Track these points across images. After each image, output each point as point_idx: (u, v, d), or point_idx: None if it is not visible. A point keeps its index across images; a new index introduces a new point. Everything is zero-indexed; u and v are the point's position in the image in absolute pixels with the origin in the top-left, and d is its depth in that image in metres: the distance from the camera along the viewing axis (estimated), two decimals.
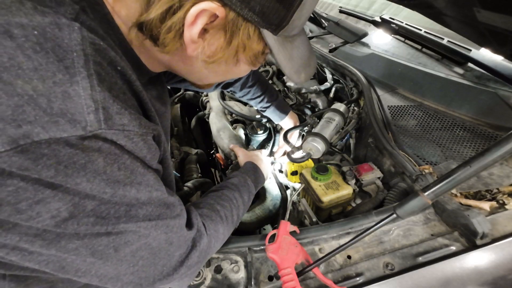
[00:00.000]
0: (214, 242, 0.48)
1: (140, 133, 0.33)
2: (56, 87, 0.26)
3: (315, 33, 1.34)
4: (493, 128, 0.73)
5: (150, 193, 0.35)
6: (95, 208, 0.30)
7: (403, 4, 0.78)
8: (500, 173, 0.62)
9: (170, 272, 0.40)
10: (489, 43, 0.64)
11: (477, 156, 0.36)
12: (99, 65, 0.30)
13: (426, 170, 0.66)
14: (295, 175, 0.91)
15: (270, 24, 0.37)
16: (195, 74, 0.49)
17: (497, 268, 0.51)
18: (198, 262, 0.44)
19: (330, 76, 1.17)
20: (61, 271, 0.32)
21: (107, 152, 0.30)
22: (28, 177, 0.25)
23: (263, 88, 0.91)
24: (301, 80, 0.49)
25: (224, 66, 0.43)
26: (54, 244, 0.29)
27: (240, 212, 0.59)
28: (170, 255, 0.39)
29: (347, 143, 0.98)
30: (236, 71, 0.48)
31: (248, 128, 1.12)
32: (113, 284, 0.36)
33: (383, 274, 0.51)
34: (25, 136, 0.25)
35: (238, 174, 0.68)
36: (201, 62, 0.41)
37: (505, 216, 0.57)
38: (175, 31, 0.35)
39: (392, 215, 0.44)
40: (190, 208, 0.47)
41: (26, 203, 0.26)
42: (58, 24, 0.28)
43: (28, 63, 0.26)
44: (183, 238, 0.40)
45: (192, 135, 1.44)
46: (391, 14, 1.12)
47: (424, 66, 0.92)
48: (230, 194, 0.59)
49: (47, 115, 0.26)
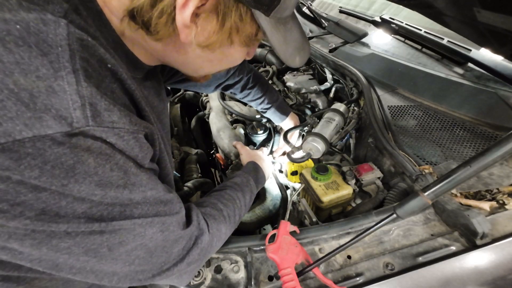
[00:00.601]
0: (216, 241, 0.48)
1: (131, 131, 0.32)
2: (39, 82, 0.25)
3: (315, 33, 1.33)
4: (493, 128, 0.73)
5: (144, 193, 0.34)
6: (86, 211, 0.29)
7: (403, 4, 0.78)
8: (500, 173, 0.62)
9: (170, 268, 0.40)
10: (489, 43, 0.64)
11: (477, 156, 0.36)
12: (86, 61, 0.29)
13: (426, 170, 0.66)
14: (295, 175, 0.91)
15: (262, 4, 0.37)
16: (190, 64, 0.47)
17: (497, 268, 0.51)
18: (198, 260, 0.44)
19: (330, 76, 1.17)
20: (55, 269, 0.31)
21: (97, 151, 0.28)
22: (9, 178, 0.24)
23: (263, 89, 0.91)
24: (297, 63, 0.49)
25: (219, 52, 0.43)
26: (45, 243, 0.28)
27: (242, 212, 0.59)
28: (168, 252, 0.39)
29: (347, 143, 0.98)
30: (231, 58, 0.47)
31: (248, 128, 1.12)
32: (109, 279, 0.35)
33: (383, 274, 0.51)
34: (6, 134, 0.23)
35: (241, 173, 0.69)
36: (196, 49, 0.40)
37: (505, 216, 0.57)
38: (166, 15, 0.34)
39: (392, 215, 0.44)
40: (191, 206, 0.47)
41: (7, 203, 0.25)
42: (43, 19, 0.27)
43: (9, 57, 0.24)
44: (181, 235, 0.40)
45: (192, 135, 1.44)
46: (391, 14, 1.12)
47: (424, 66, 0.92)
48: (233, 194, 0.59)
49: (30, 110, 0.24)
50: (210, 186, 0.99)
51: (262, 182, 0.75)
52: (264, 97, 0.92)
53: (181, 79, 0.73)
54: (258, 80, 0.91)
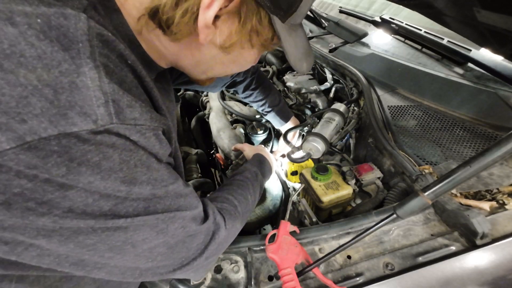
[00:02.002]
0: (231, 236, 0.50)
1: (152, 127, 0.32)
2: (62, 77, 0.25)
3: (315, 33, 1.33)
4: (493, 128, 0.73)
5: (166, 187, 0.35)
6: (112, 208, 0.29)
7: (403, 4, 0.78)
8: (500, 173, 0.62)
9: (190, 262, 0.40)
10: (489, 43, 0.64)
11: (477, 156, 0.36)
12: (106, 57, 0.29)
13: (426, 170, 0.66)
14: (295, 175, 0.91)
15: (280, 9, 0.38)
16: (201, 66, 0.48)
17: (497, 268, 0.51)
18: (215, 254, 0.44)
19: (330, 76, 1.17)
20: (80, 264, 0.31)
21: (122, 148, 0.28)
22: (37, 176, 0.24)
23: (265, 92, 0.91)
24: (304, 69, 0.50)
25: (234, 54, 0.44)
26: (71, 240, 0.28)
27: (252, 208, 0.61)
28: (188, 247, 0.39)
29: (347, 143, 0.98)
30: (243, 61, 0.48)
31: (248, 128, 1.12)
32: (132, 274, 0.36)
33: (383, 274, 0.51)
34: (32, 132, 0.23)
35: (249, 167, 0.70)
36: (212, 50, 0.42)
37: (505, 216, 0.57)
38: (190, 14, 0.34)
39: (392, 215, 0.44)
40: (206, 201, 0.47)
41: (34, 202, 0.25)
42: (63, 13, 0.26)
43: (31, 51, 0.24)
44: (200, 230, 0.40)
45: (192, 135, 1.44)
46: (391, 14, 1.12)
47: (424, 66, 0.92)
48: (245, 190, 0.60)
49: (55, 107, 0.24)
50: (210, 186, 0.99)
51: (269, 175, 0.77)
52: (266, 99, 0.91)
53: (186, 80, 0.73)
54: (262, 82, 0.91)
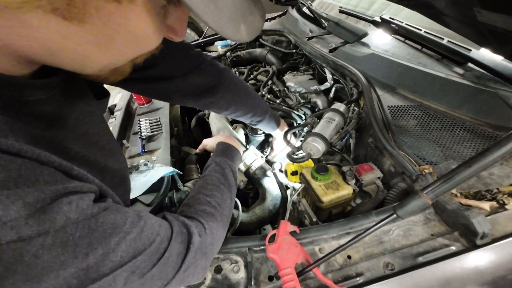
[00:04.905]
0: (216, 236, 0.49)
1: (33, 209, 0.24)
2: None
3: (315, 33, 1.33)
4: (493, 128, 0.73)
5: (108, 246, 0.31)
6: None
7: (403, 4, 0.78)
8: (500, 173, 0.62)
9: (168, 282, 0.39)
10: (489, 43, 0.64)
11: (477, 156, 0.36)
12: None
13: (426, 170, 0.66)
14: (295, 175, 0.91)
15: None
16: (62, 52, 0.27)
17: (497, 268, 0.51)
18: (196, 261, 0.43)
19: (330, 76, 1.17)
20: None
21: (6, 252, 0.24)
22: None
23: (250, 102, 0.82)
24: (243, 36, 0.32)
25: (101, 25, 0.25)
26: None
27: (232, 194, 0.61)
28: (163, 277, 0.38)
29: (347, 143, 0.98)
30: (129, 34, 0.28)
31: (248, 128, 1.12)
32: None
33: (383, 274, 0.51)
34: None
35: (214, 158, 0.71)
36: (44, 19, 0.23)
37: (505, 216, 0.57)
38: None
39: (392, 215, 0.44)
40: (165, 215, 0.45)
41: None
42: None
43: None
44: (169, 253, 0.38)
45: (192, 135, 1.44)
46: (391, 14, 1.12)
47: (424, 66, 0.92)
48: (216, 182, 0.60)
49: None
50: None
51: (237, 156, 0.77)
52: (255, 110, 0.83)
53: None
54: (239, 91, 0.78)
